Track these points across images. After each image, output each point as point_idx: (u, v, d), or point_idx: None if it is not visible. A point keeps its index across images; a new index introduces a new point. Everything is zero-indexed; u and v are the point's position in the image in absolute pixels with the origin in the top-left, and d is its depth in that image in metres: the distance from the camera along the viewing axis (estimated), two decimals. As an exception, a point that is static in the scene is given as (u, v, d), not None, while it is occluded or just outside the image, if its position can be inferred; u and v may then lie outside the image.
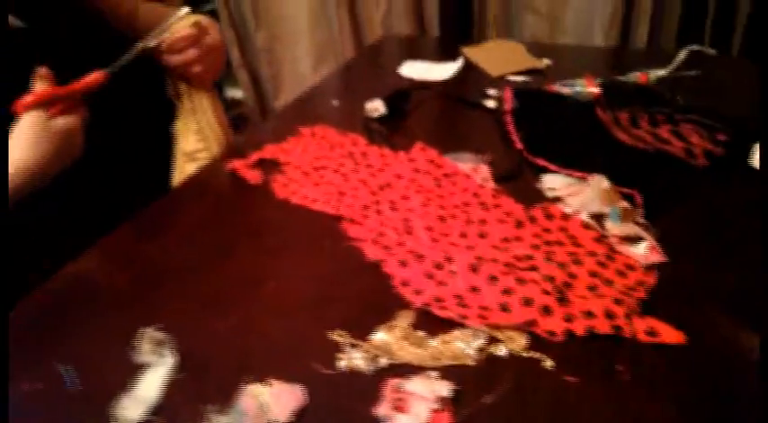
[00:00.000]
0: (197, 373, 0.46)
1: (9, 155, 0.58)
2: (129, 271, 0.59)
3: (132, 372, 0.45)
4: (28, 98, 0.59)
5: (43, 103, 0.59)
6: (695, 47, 0.94)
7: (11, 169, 0.58)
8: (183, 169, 0.74)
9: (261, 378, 0.44)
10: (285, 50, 1.78)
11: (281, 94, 1.84)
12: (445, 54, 1.06)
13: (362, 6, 1.64)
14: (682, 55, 0.92)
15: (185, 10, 0.71)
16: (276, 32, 1.75)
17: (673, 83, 0.87)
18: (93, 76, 0.63)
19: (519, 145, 0.74)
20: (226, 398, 0.42)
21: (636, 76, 0.86)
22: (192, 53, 0.71)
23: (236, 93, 1.95)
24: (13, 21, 0.64)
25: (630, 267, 0.54)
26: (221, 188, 0.72)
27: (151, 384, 0.44)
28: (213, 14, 1.76)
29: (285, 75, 1.82)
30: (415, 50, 1.15)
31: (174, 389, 0.44)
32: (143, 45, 0.68)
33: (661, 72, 0.88)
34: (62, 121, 0.60)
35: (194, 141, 0.75)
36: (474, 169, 0.68)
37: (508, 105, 0.79)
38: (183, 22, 0.70)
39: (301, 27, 1.72)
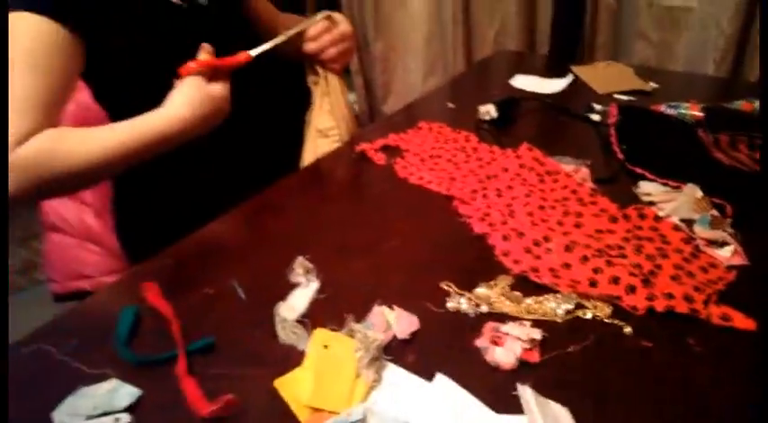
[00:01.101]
0: (336, 295, 0.58)
1: (169, 107, 0.69)
2: (286, 219, 0.72)
3: (288, 288, 0.58)
4: (192, 64, 0.70)
5: (203, 72, 0.71)
6: (808, 82, 0.96)
7: (170, 120, 0.68)
8: (316, 144, 0.88)
9: (386, 304, 0.55)
10: (399, 60, 1.92)
11: (390, 99, 1.98)
12: (554, 71, 1.15)
13: (476, 24, 1.75)
14: (793, 89, 0.94)
15: (324, 13, 0.85)
16: (393, 43, 1.89)
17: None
18: (242, 55, 0.75)
19: (620, 155, 0.81)
20: (355, 312, 0.54)
21: (740, 104, 0.90)
22: (326, 39, 0.83)
23: (350, 96, 2.13)
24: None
25: (713, 265, 0.60)
26: (352, 165, 0.85)
27: (302, 297, 0.57)
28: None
29: (396, 82, 1.96)
30: (525, 66, 1.24)
31: (318, 304, 0.57)
32: (286, 34, 0.81)
33: None
34: (217, 87, 0.71)
35: (327, 120, 0.88)
36: (575, 170, 0.76)
37: (612, 119, 0.86)
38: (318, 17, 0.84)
39: (417, 40, 1.86)
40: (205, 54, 0.73)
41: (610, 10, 1.56)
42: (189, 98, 0.70)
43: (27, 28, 0.64)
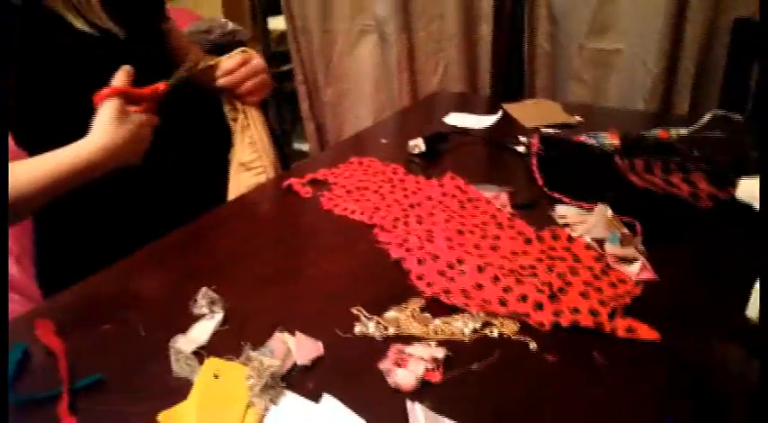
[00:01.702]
0: (239, 325, 0.56)
1: (87, 136, 0.68)
2: (203, 252, 0.71)
3: (192, 321, 0.56)
4: (106, 90, 0.70)
5: (119, 98, 0.70)
6: (720, 111, 1.01)
7: (88, 146, 0.67)
8: (239, 177, 0.87)
9: (290, 331, 0.53)
10: (350, 106, 1.96)
11: (342, 144, 2.01)
12: (490, 110, 1.18)
13: (420, 71, 1.81)
14: (706, 117, 0.99)
15: (239, 49, 0.87)
16: (343, 89, 1.94)
17: (693, 141, 0.94)
18: (160, 84, 0.76)
19: (540, 181, 0.82)
20: (259, 342, 0.52)
21: (657, 132, 0.94)
22: (241, 72, 0.85)
23: (302, 146, 2.15)
24: (115, 29, 0.79)
25: (622, 281, 0.61)
26: (278, 199, 0.85)
27: (203, 329, 0.55)
28: (290, 73, 2.00)
29: (347, 128, 1.99)
30: (463, 105, 1.27)
31: (220, 334, 0.55)
32: (203, 64, 0.82)
33: (683, 131, 0.96)
34: (136, 115, 0.71)
35: (249, 153, 0.88)
36: (495, 197, 0.77)
37: (534, 149, 0.88)
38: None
39: (365, 86, 1.91)
40: (120, 79, 0.72)
41: (545, 54, 1.64)
42: (106, 123, 0.69)
43: None
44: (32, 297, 0.93)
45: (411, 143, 0.96)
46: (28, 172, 0.67)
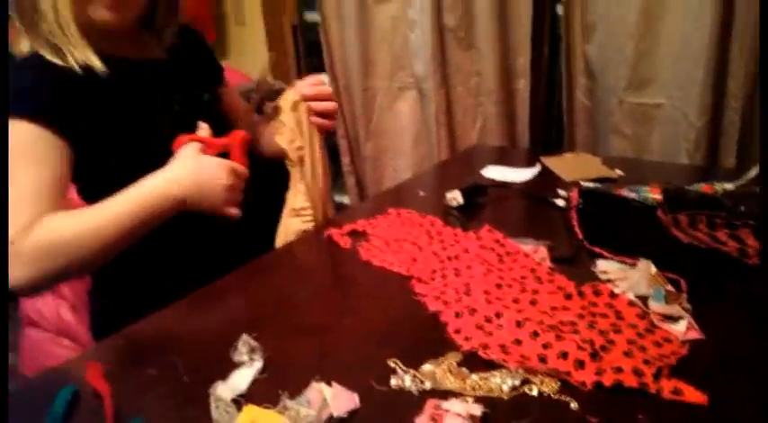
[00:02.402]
0: (277, 374, 0.57)
1: (164, 171, 0.72)
2: (246, 300, 0.73)
3: (233, 367, 0.57)
4: (185, 137, 0.75)
5: (197, 144, 0.74)
6: (768, 166, 0.99)
7: (159, 181, 0.72)
8: (288, 222, 0.90)
9: (327, 381, 0.54)
10: (389, 160, 2.01)
11: (382, 196, 2.05)
12: (528, 163, 1.19)
13: (459, 126, 1.85)
14: (753, 172, 0.97)
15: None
16: (382, 144, 1.99)
17: (740, 196, 0.92)
18: (238, 133, 0.80)
19: (580, 235, 0.82)
20: (296, 391, 0.53)
21: (700, 187, 0.92)
22: (320, 89, 0.87)
23: (343, 198, 2.20)
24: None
25: (667, 340, 0.59)
26: (319, 249, 0.87)
27: (243, 376, 0.56)
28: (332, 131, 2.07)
29: (387, 181, 2.03)
30: (501, 159, 1.29)
31: (259, 382, 0.55)
32: (270, 106, 0.87)
33: (728, 185, 0.94)
34: (214, 159, 0.75)
35: (302, 200, 0.91)
36: (534, 250, 0.77)
37: (574, 202, 0.88)
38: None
39: (405, 141, 1.96)
40: (202, 131, 0.78)
41: (583, 108, 1.65)
42: (184, 158, 0.74)
43: (15, 133, 0.69)
44: (85, 344, 0.97)
45: (449, 195, 0.97)
46: (109, 207, 0.71)
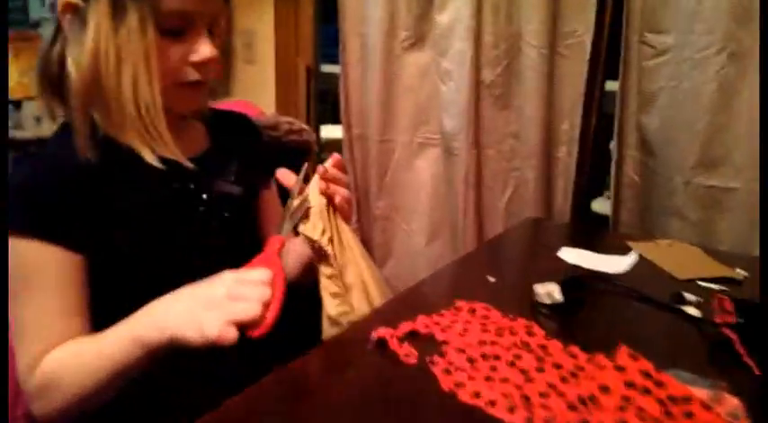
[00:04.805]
0: None
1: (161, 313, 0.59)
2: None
3: None
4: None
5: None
6: None
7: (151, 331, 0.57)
8: (328, 334, 0.62)
9: None
10: (401, 221, 1.75)
11: (390, 263, 1.77)
12: (591, 244, 0.94)
13: (487, 189, 1.61)
14: None
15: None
16: (396, 203, 1.74)
17: None
18: (275, 241, 0.61)
19: (757, 371, 0.55)
20: None
21: None
22: (342, 177, 0.71)
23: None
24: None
25: None
26: (368, 362, 0.58)
27: None
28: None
29: (396, 245, 1.77)
30: (573, 237, 1.04)
31: None
32: (296, 202, 0.65)
33: None
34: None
35: (335, 305, 0.64)
36: (715, 399, 0.50)
37: (729, 318, 0.62)
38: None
39: (421, 201, 1.70)
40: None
41: (632, 184, 1.44)
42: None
43: (16, 253, 0.60)
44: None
45: (540, 289, 0.70)
46: (108, 346, 0.59)
